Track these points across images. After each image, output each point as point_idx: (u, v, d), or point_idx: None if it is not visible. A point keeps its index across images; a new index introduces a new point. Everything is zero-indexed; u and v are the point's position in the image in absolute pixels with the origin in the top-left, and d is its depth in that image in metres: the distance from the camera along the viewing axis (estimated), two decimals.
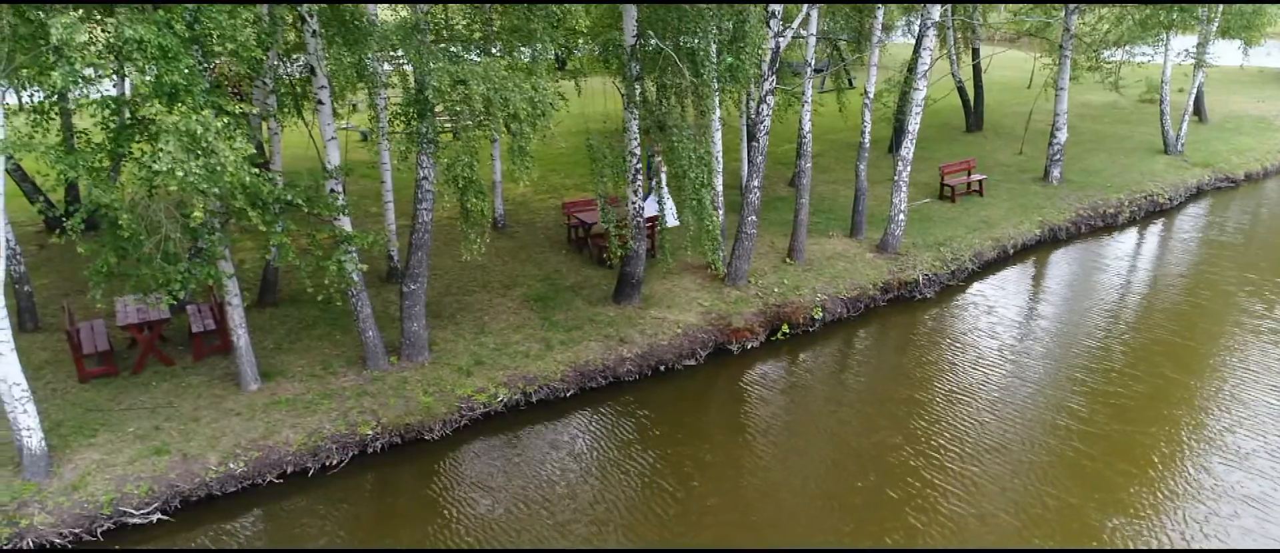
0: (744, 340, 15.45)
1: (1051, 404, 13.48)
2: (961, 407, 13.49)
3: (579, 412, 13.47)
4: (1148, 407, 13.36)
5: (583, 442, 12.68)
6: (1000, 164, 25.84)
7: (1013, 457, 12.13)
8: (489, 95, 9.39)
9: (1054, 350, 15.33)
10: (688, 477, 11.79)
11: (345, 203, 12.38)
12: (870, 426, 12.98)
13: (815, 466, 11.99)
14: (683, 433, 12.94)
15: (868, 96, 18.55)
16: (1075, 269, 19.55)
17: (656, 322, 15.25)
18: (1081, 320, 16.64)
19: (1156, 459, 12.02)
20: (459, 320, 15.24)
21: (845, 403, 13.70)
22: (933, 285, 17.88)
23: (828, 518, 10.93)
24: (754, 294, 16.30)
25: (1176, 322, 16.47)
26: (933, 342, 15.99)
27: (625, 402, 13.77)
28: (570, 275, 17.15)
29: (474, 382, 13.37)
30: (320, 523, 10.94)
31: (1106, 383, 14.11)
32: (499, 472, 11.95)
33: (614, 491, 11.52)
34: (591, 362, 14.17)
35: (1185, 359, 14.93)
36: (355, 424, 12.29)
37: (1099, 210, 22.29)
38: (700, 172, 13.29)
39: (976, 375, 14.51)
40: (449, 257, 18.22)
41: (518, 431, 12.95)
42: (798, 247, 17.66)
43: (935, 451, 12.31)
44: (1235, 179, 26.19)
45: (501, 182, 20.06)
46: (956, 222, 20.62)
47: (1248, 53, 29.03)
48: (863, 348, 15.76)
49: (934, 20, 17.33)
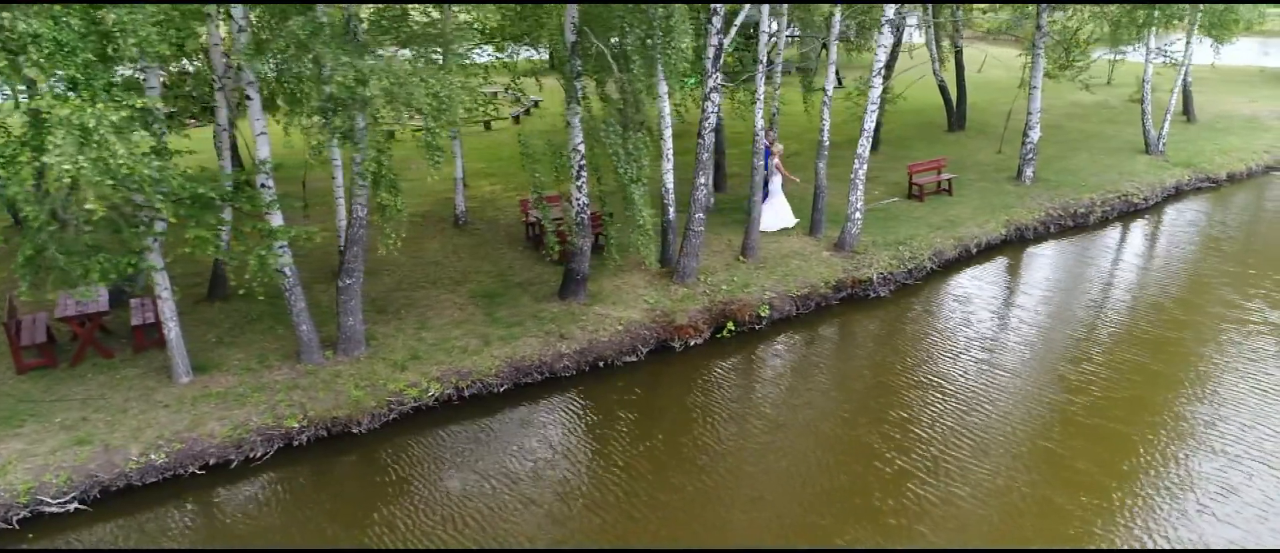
0: (687, 338, 15.43)
1: (983, 407, 13.38)
2: (886, 404, 13.41)
3: (511, 408, 13.50)
4: (1082, 404, 13.23)
5: (509, 437, 12.71)
6: (978, 163, 25.65)
7: (932, 457, 12.05)
8: (390, 90, 9.44)
9: (999, 351, 15.21)
10: (603, 472, 11.80)
11: (273, 197, 12.45)
12: (784, 424, 12.94)
13: (731, 462, 11.97)
14: (608, 428, 12.95)
15: (827, 95, 18.46)
16: (1036, 269, 19.39)
17: (599, 318, 15.26)
18: (1031, 322, 16.50)
19: (1103, 465, 11.91)
20: (403, 316, 15.32)
21: (773, 400, 13.65)
22: (887, 285, 17.77)
23: (740, 515, 10.92)
24: (701, 292, 16.27)
25: (1130, 322, 16.29)
26: (877, 341, 15.92)
27: (557, 397, 13.79)
28: (522, 272, 17.20)
29: (407, 376, 13.43)
30: (235, 515, 11.04)
31: (1047, 386, 13.99)
32: (417, 467, 12.01)
33: (525, 489, 11.54)
34: (528, 357, 14.20)
35: (1134, 361, 14.77)
36: (282, 417, 12.39)
37: (1070, 210, 22.08)
38: (629, 167, 13.28)
39: (912, 376, 14.43)
40: (405, 253, 18.29)
41: (446, 426, 12.99)
42: (751, 244, 17.61)
43: (858, 452, 12.25)
44: (1217, 179, 25.86)
45: (463, 179, 20.13)
46: (921, 221, 20.49)
47: (1219, 51, 28.66)
48: (805, 346, 15.69)
49: (888, 18, 17.22)
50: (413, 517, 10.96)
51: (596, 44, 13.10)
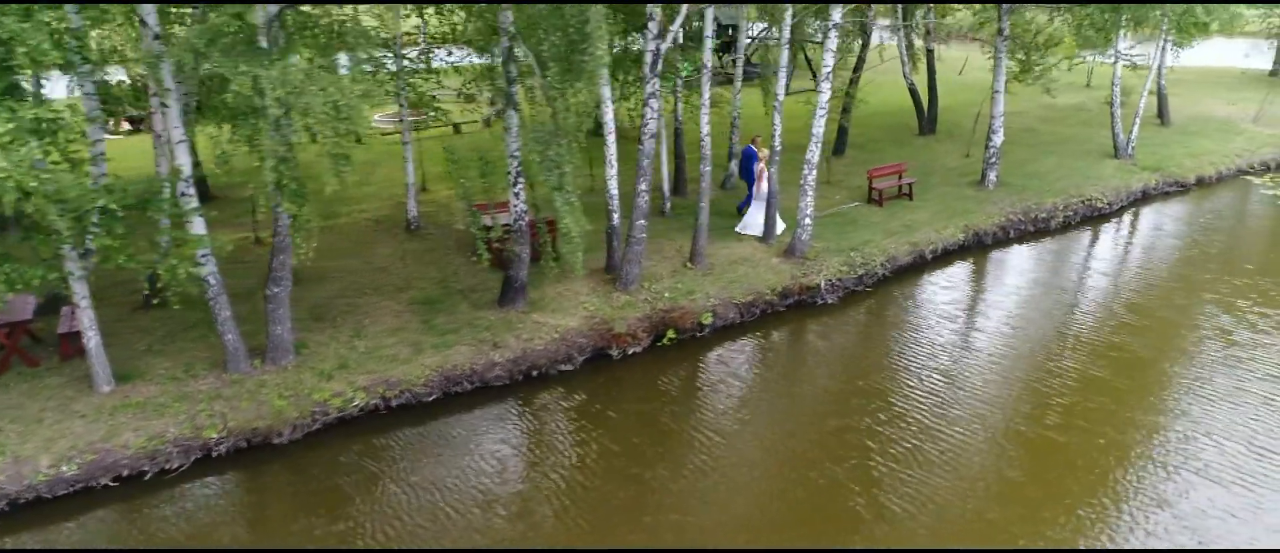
0: (625, 346, 15.28)
1: (917, 416, 13.22)
2: (822, 413, 13.26)
3: (439, 418, 13.36)
4: (1021, 414, 13.08)
5: (432, 448, 12.58)
6: (944, 167, 25.49)
7: (865, 468, 11.90)
8: (285, 99, 9.31)
9: (939, 359, 15.06)
10: (526, 483, 11.67)
11: (195, 206, 12.31)
12: (718, 432, 12.80)
13: (659, 470, 11.83)
14: (536, 439, 12.83)
15: (778, 100, 18.30)
16: (988, 276, 19.24)
17: (536, 326, 15.12)
18: (975, 330, 16.36)
19: (1035, 476, 11.76)
20: (339, 323, 15.18)
21: (705, 409, 13.51)
22: (836, 291, 17.61)
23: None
24: (644, 299, 16.12)
25: (1074, 328, 16.13)
26: (816, 350, 15.80)
27: (487, 408, 13.65)
28: (467, 279, 17.05)
29: (333, 386, 13.30)
30: (144, 528, 10.92)
31: (984, 395, 13.85)
32: (338, 478, 11.89)
33: (447, 498, 11.41)
34: (459, 367, 14.07)
35: (1075, 369, 14.61)
36: (201, 428, 12.26)
37: (1031, 215, 21.91)
38: (550, 175, 13.15)
39: (850, 384, 14.28)
40: (356, 258, 18.22)
41: (368, 436, 12.85)
42: (698, 251, 17.46)
43: (791, 461, 12.11)
44: (1185, 183, 25.67)
45: (415, 184, 20.01)
46: (878, 226, 20.32)
47: (1178, 55, 28.52)
48: (744, 355, 15.53)
49: (836, 22, 17.06)
50: (326, 529, 10.83)
51: (524, 49, 12.96)
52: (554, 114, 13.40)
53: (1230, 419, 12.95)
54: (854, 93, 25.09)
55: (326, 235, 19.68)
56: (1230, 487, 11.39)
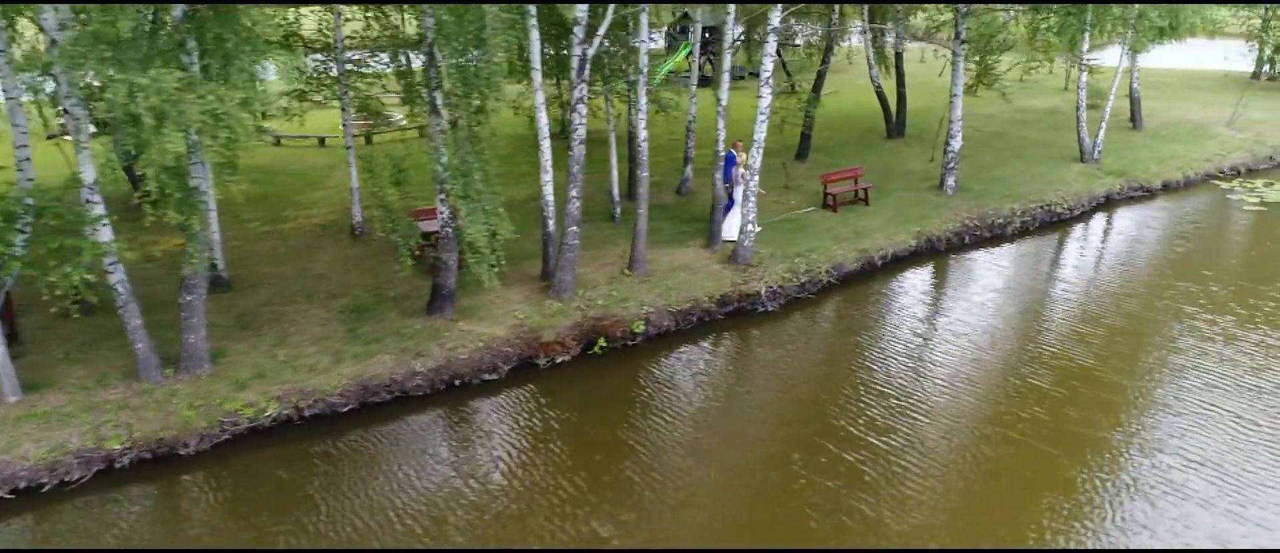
0: (553, 355, 15.07)
1: (838, 428, 13.00)
2: (738, 425, 13.05)
3: (352, 429, 13.15)
4: (941, 428, 12.85)
5: (343, 461, 12.38)
6: (907, 172, 25.23)
7: (776, 481, 11.68)
8: (160, 107, 9.12)
9: (868, 371, 14.84)
10: (430, 495, 11.47)
11: (101, 213, 12.12)
12: (614, 440, 12.59)
13: (564, 479, 11.62)
14: (448, 451, 12.63)
15: (721, 105, 18.09)
16: (935, 284, 19.03)
17: (462, 334, 14.93)
18: (911, 339, 16.13)
19: (947, 488, 11.52)
20: (263, 331, 15.00)
21: (620, 421, 13.29)
22: (777, 299, 17.37)
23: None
24: (576, 307, 15.91)
25: (1011, 339, 15.89)
26: (747, 359, 15.59)
27: (403, 418, 13.45)
28: (402, 285, 16.84)
29: (246, 395, 13.11)
30: (38, 542, 10.75)
31: (912, 408, 13.62)
32: (239, 489, 11.70)
33: (346, 505, 11.22)
34: (378, 376, 13.87)
35: (1004, 382, 14.38)
36: (104, 439, 12.08)
37: (987, 221, 21.65)
38: (455, 182, 12.96)
39: (770, 394, 14.06)
40: (295, 264, 18.04)
41: (278, 448, 12.66)
42: (637, 258, 17.25)
43: (697, 473, 11.90)
44: (1150, 189, 25.39)
45: (359, 189, 19.81)
46: (829, 232, 20.08)
47: (1135, 58, 28.25)
48: (673, 364, 15.29)
49: (775, 26, 16.84)
50: (219, 541, 10.65)
51: (436, 53, 12.75)
52: (454, 122, 13.21)
53: (1168, 430, 12.72)
54: (813, 99, 24.86)
55: (269, 241, 19.57)
56: (1158, 501, 11.16)
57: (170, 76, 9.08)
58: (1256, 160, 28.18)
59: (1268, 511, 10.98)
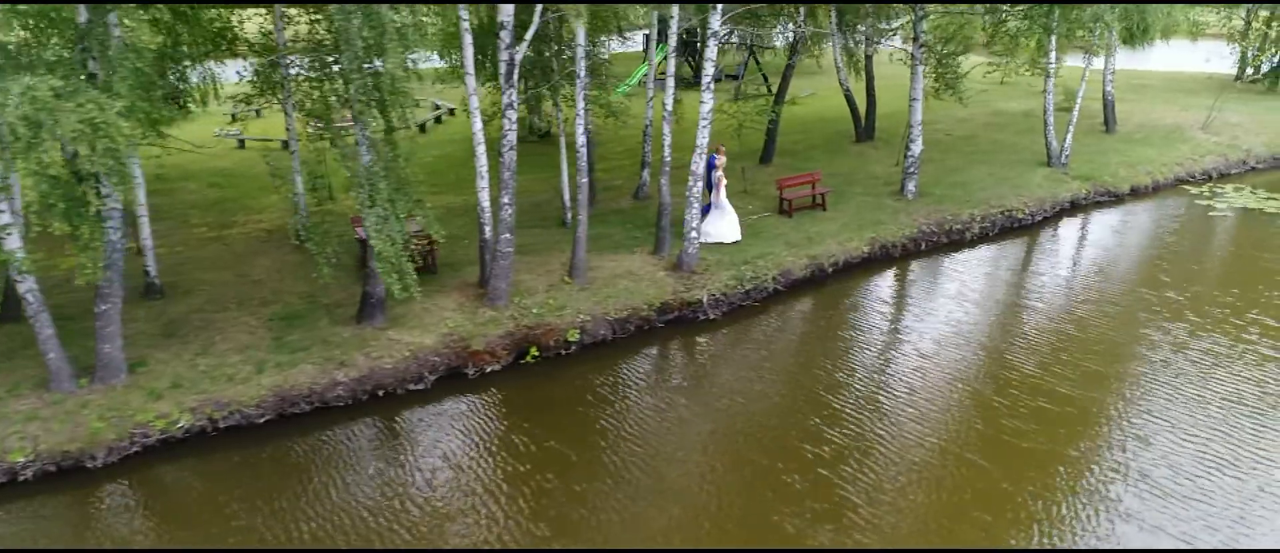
0: (483, 364, 14.84)
1: (761, 447, 12.75)
2: (661, 439, 12.80)
3: (268, 441, 12.94)
4: (873, 442, 12.59)
5: (254, 474, 12.17)
6: (871, 176, 24.92)
7: (692, 500, 11.44)
8: (32, 117, 8.89)
9: (802, 386, 14.59)
10: (334, 512, 11.25)
11: (6, 222, 11.90)
12: (536, 452, 12.35)
13: (475, 500, 11.39)
14: (356, 463, 12.41)
15: (667, 110, 17.85)
16: (883, 291, 18.74)
17: (390, 343, 14.70)
18: (858, 347, 15.87)
19: (864, 501, 11.27)
20: (189, 340, 14.78)
21: (536, 435, 13.04)
22: (719, 307, 17.12)
23: None
24: (509, 315, 15.67)
25: (947, 353, 15.61)
26: (679, 368, 15.34)
27: (320, 431, 13.23)
28: (337, 292, 16.60)
29: (159, 406, 12.90)
30: None
31: (841, 427, 13.36)
32: (142, 503, 11.49)
33: (249, 520, 11.00)
34: (298, 386, 13.65)
35: (950, 395, 14.11)
36: (8, 451, 11.88)
37: (945, 227, 21.36)
38: (360, 191, 12.74)
39: (704, 406, 13.82)
40: (233, 271, 17.81)
41: (189, 460, 12.45)
42: (577, 265, 17.00)
43: (614, 491, 11.66)
44: (1118, 193, 25.06)
45: (305, 194, 19.57)
46: (781, 238, 19.80)
47: (1107, 60, 27.95)
48: (601, 374, 15.00)
49: (715, 31, 16.59)
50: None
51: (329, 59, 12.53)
52: (344, 130, 13.01)
53: (1105, 441, 12.48)
54: (766, 103, 24.60)
55: (214, 246, 19.36)
56: (1089, 518, 10.91)
57: (43, 85, 8.85)
58: (1229, 165, 27.85)
59: (1191, 526, 10.71)
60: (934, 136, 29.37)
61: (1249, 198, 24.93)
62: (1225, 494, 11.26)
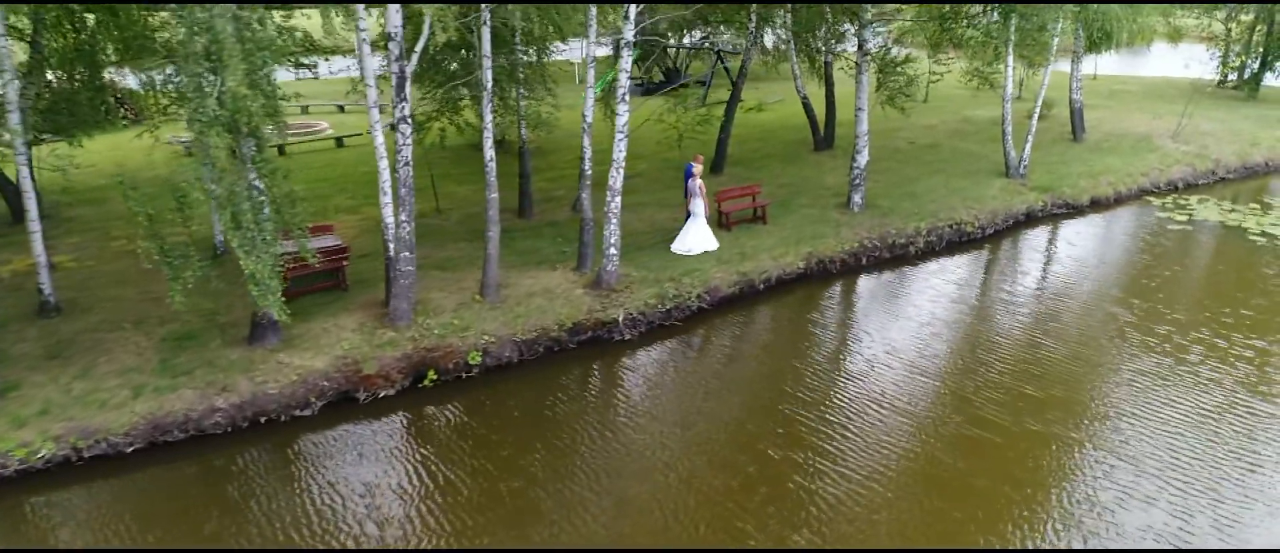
0: (376, 388, 14.26)
1: (659, 479, 12.13)
2: (550, 469, 12.20)
3: (133, 471, 12.39)
4: (784, 471, 11.96)
5: (101, 507, 11.62)
6: (822, 187, 24.28)
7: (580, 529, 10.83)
8: None
9: (709, 406, 13.96)
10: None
11: None
12: (411, 483, 11.76)
13: (347, 537, 10.81)
14: (229, 495, 11.84)
15: (585, 121, 17.24)
16: (814, 310, 18.08)
17: (279, 367, 14.13)
18: (777, 372, 15.24)
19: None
20: (72, 361, 14.23)
21: (424, 464, 12.46)
22: (635, 327, 16.50)
23: None
24: (409, 336, 15.08)
25: (875, 374, 14.96)
26: (583, 394, 14.74)
27: (190, 460, 12.66)
28: (237, 311, 16.00)
29: (22, 434, 12.36)
30: None
31: (743, 444, 12.73)
32: None
33: None
34: (173, 413, 13.09)
35: (862, 418, 13.47)
36: None
37: (888, 240, 20.71)
38: (222, 212, 12.20)
39: (601, 437, 13.21)
40: (138, 286, 17.27)
41: (47, 493, 11.90)
42: (488, 282, 16.40)
43: (497, 520, 11.07)
44: (1077, 205, 24.36)
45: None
46: (714, 253, 19.15)
47: (1074, 67, 27.26)
48: (502, 399, 14.36)
49: (629, 40, 15.98)
50: None
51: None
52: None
53: (1044, 465, 11.81)
54: (701, 110, 23.97)
55: (125, 260, 18.79)
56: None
57: None
58: (1197, 175, 27.13)
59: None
60: (895, 144, 28.80)
61: (1212, 210, 24.20)
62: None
